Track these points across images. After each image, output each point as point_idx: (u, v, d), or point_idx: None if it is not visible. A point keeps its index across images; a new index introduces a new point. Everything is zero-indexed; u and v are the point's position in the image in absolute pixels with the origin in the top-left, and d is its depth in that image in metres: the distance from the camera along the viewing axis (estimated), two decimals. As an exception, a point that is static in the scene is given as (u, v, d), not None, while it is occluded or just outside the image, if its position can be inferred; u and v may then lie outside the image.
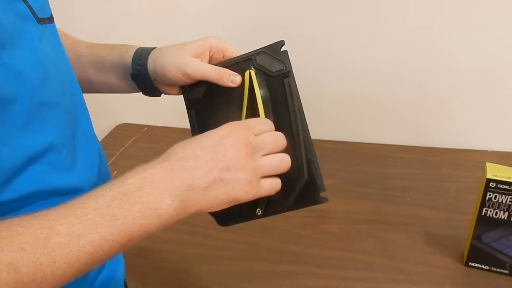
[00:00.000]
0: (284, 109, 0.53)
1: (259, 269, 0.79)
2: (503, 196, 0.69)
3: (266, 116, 0.53)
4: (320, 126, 1.14)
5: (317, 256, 0.80)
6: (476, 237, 0.73)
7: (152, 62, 0.57)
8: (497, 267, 0.74)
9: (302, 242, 0.84)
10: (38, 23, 0.45)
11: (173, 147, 0.46)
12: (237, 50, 0.57)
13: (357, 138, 1.16)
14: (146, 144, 1.19)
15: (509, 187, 0.68)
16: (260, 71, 0.55)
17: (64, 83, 0.48)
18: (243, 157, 0.45)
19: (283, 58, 0.55)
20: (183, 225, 0.44)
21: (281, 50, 0.55)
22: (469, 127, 1.12)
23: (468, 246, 0.75)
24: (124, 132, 1.27)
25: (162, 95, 0.62)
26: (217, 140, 0.45)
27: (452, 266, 0.76)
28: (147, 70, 0.58)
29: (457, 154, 1.09)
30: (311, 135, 0.53)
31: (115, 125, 1.30)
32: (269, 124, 0.51)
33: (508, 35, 1.00)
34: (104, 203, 0.39)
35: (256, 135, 0.47)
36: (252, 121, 0.50)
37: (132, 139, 1.22)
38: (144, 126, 1.27)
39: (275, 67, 0.55)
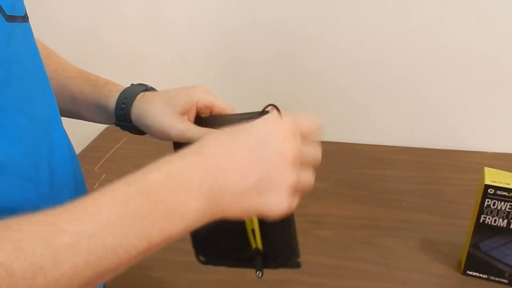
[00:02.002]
0: None
1: (249, 277, 0.75)
2: (502, 202, 0.66)
3: None
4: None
5: (309, 264, 0.77)
6: (474, 245, 0.70)
7: (136, 117, 0.54)
8: (495, 276, 0.71)
9: (294, 248, 0.81)
10: (6, 20, 0.42)
11: (206, 138, 0.39)
12: (225, 105, 0.53)
13: (352, 139, 1.13)
14: (137, 146, 1.16)
15: (508, 193, 0.65)
16: None
17: (32, 88, 0.45)
18: (288, 167, 0.39)
19: None
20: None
21: None
22: (468, 128, 1.09)
23: (465, 254, 0.72)
24: (114, 133, 1.23)
25: None
26: (261, 139, 0.39)
27: (449, 275, 0.74)
28: (131, 121, 0.54)
29: (455, 155, 1.06)
30: None
31: (105, 126, 1.27)
32: (318, 130, 0.43)
33: (508, 36, 0.97)
34: (121, 200, 0.34)
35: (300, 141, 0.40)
36: (303, 123, 0.43)
37: (123, 141, 1.19)
38: (135, 127, 1.24)
39: None
